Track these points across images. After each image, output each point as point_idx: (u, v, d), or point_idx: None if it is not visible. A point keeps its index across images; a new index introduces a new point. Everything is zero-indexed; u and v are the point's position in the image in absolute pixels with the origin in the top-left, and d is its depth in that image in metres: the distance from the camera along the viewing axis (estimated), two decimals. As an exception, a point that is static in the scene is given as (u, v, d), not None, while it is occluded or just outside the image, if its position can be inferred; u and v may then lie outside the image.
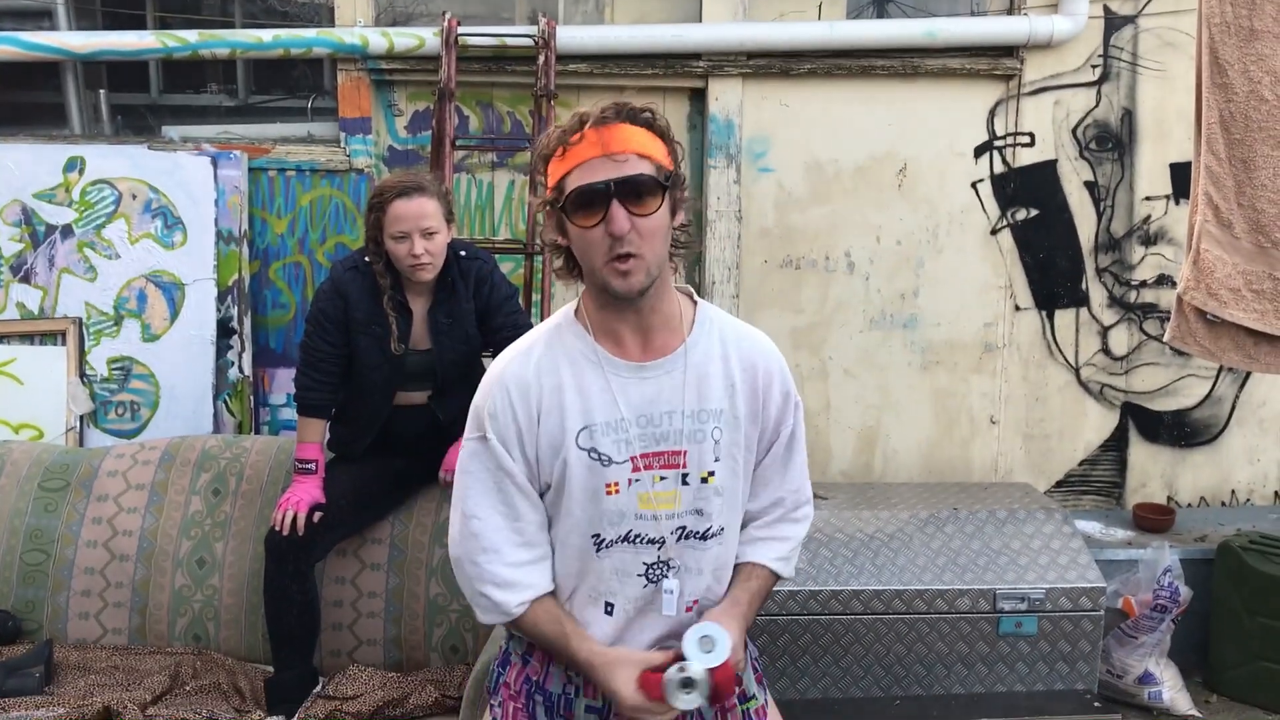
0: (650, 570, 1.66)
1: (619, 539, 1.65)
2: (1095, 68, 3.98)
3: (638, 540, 1.65)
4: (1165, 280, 4.07)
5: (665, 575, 1.67)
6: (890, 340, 4.07)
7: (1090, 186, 4.05)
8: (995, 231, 4.05)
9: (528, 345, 1.68)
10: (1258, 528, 3.83)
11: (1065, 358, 4.13)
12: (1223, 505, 4.24)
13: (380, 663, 2.88)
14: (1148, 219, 4.07)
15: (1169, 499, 4.22)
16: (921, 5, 4.08)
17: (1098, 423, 4.17)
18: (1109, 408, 4.17)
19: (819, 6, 3.94)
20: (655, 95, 3.85)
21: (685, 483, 1.64)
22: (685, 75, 3.87)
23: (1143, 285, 4.10)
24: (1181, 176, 3.95)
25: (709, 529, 1.67)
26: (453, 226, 2.80)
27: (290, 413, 3.78)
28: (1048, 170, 4.04)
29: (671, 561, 1.67)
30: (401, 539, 2.94)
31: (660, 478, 1.63)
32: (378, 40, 3.71)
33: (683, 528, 1.66)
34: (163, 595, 2.96)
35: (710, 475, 1.65)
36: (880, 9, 4.11)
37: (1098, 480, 4.21)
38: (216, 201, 3.69)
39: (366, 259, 2.79)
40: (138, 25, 3.94)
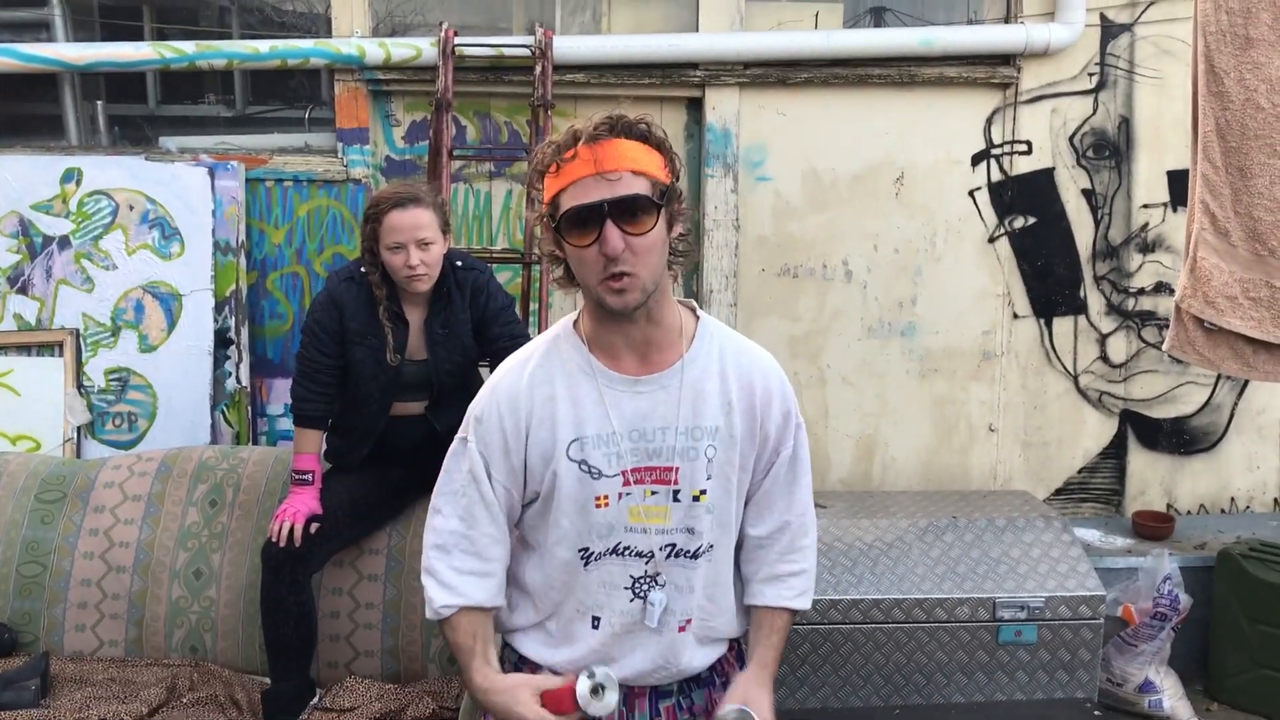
0: (637, 584, 1.66)
1: (607, 551, 1.64)
2: (1092, 76, 3.98)
3: (626, 553, 1.64)
4: (1163, 288, 4.07)
5: (652, 589, 1.66)
6: (888, 348, 4.07)
7: (1088, 194, 4.05)
8: (993, 239, 4.05)
9: (526, 355, 1.68)
10: (1257, 535, 3.84)
11: (1064, 365, 4.13)
12: (1222, 512, 4.23)
13: (378, 674, 2.87)
14: (1145, 227, 4.07)
15: (1168, 506, 4.21)
16: (918, 14, 4.09)
17: (1096, 430, 4.17)
18: (1108, 415, 4.16)
19: (815, 16, 3.95)
20: (652, 105, 3.86)
21: (676, 499, 1.63)
22: (682, 85, 3.87)
23: (1141, 293, 4.10)
24: (1179, 184, 3.96)
25: (699, 547, 1.66)
26: (449, 237, 2.80)
27: (288, 423, 3.76)
28: (1045, 178, 4.04)
29: (659, 577, 1.66)
30: (399, 550, 2.93)
31: (651, 493, 1.63)
32: (375, 51, 3.71)
33: (673, 545, 1.65)
34: (159, 607, 2.95)
35: (702, 494, 1.64)
36: (877, 18, 4.11)
37: (1097, 488, 4.20)
38: (214, 212, 3.68)
39: (362, 269, 2.79)
40: (135, 36, 3.93)
